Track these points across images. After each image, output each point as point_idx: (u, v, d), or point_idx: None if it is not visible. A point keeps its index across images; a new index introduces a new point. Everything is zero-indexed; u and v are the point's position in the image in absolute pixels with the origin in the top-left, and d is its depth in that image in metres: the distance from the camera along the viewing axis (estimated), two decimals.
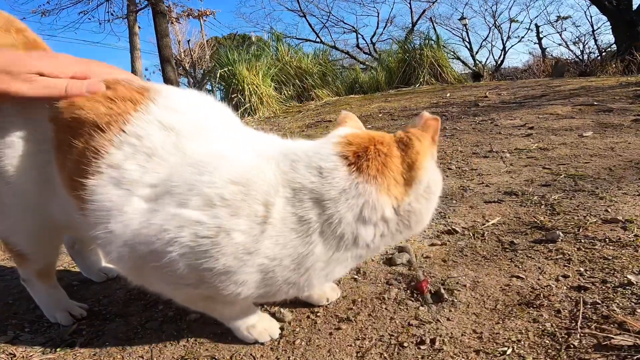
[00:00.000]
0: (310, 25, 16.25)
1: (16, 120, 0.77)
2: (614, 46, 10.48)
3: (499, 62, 18.79)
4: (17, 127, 0.77)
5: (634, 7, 9.02)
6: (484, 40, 20.17)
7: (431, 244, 1.18)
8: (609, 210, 1.23)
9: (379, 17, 17.15)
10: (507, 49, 19.52)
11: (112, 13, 10.44)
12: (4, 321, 1.02)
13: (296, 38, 14.91)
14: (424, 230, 1.18)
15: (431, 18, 14.00)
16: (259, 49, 6.48)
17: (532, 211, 1.31)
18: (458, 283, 0.96)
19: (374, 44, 16.34)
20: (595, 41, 15.18)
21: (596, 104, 2.95)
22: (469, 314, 0.85)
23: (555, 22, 17.80)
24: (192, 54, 19.25)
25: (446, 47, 6.65)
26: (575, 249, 1.04)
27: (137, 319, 0.97)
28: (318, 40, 15.32)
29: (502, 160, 1.95)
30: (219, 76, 5.58)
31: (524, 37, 24.58)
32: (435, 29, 7.01)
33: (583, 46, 15.04)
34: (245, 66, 5.41)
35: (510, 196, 1.46)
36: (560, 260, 1.00)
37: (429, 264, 1.07)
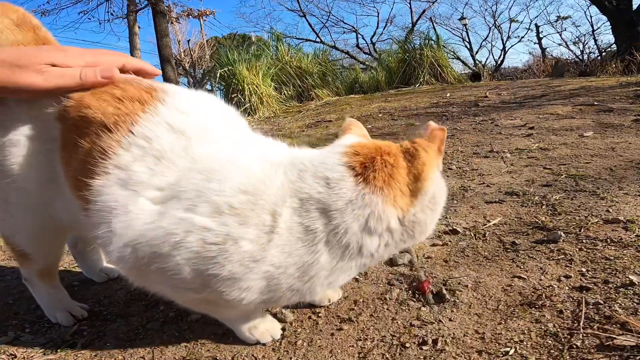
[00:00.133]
0: (310, 25, 16.28)
1: (22, 119, 0.76)
2: (614, 46, 10.49)
3: (498, 62, 18.81)
4: (23, 126, 0.76)
5: (634, 7, 9.03)
6: (484, 40, 20.21)
7: (432, 244, 1.18)
8: (610, 211, 1.22)
9: (379, 17, 17.18)
10: (507, 49, 19.56)
11: (112, 13, 10.43)
12: (4, 322, 1.01)
13: (296, 38, 14.93)
14: None
15: (431, 18, 14.03)
16: (259, 49, 6.49)
17: (534, 211, 1.31)
18: (460, 283, 0.96)
19: (374, 44, 16.37)
20: (595, 41, 15.22)
21: (596, 104, 2.95)
22: (471, 314, 0.85)
23: (555, 22, 17.83)
24: (192, 53, 19.26)
25: (446, 47, 6.66)
26: (577, 249, 1.04)
27: (138, 320, 0.97)
28: (318, 40, 15.34)
29: (502, 160, 1.95)
30: (218, 76, 5.58)
31: (524, 37, 24.59)
32: (435, 29, 7.02)
33: (583, 46, 15.08)
34: (245, 66, 5.41)
35: (512, 196, 1.46)
36: (562, 261, 1.00)
37: (431, 264, 1.07)
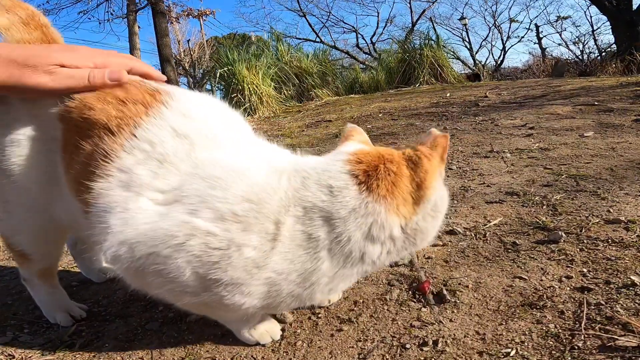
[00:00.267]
0: (310, 25, 16.26)
1: (24, 118, 0.76)
2: (614, 46, 10.49)
3: (498, 62, 18.81)
4: (25, 126, 0.76)
5: (634, 7, 9.03)
6: (484, 40, 20.23)
7: (433, 245, 1.17)
8: (611, 211, 1.22)
9: (379, 17, 17.19)
10: (507, 49, 19.57)
11: (112, 13, 10.43)
12: (3, 322, 1.01)
13: (296, 38, 14.94)
14: None
15: (431, 18, 14.01)
16: (258, 49, 6.48)
17: (534, 211, 1.30)
18: (460, 284, 0.95)
19: (373, 43, 16.37)
20: (595, 41, 15.23)
21: (597, 104, 2.95)
22: (471, 315, 0.84)
23: (555, 22, 17.85)
24: (192, 53, 19.25)
25: (446, 47, 6.64)
26: (578, 249, 1.04)
27: (137, 320, 0.96)
28: (318, 40, 15.33)
29: (503, 160, 1.94)
30: (218, 76, 5.57)
31: (523, 37, 24.65)
32: (435, 28, 6.97)
33: (583, 46, 15.10)
34: (245, 66, 5.40)
35: (512, 196, 1.45)
36: (563, 261, 0.99)
37: (431, 265, 1.06)
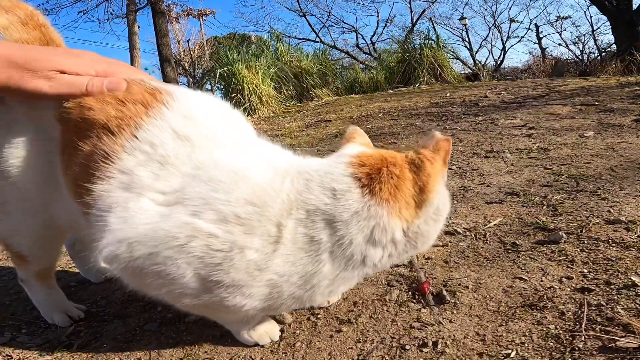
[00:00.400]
0: (310, 24, 16.23)
1: (22, 119, 0.75)
2: (614, 46, 10.49)
3: (498, 62, 18.80)
4: (23, 127, 0.75)
5: (634, 7, 9.03)
6: (484, 40, 20.20)
7: (432, 245, 1.16)
8: (612, 211, 1.22)
9: (378, 16, 17.16)
10: (506, 49, 19.55)
11: (112, 12, 10.42)
12: (0, 322, 1.01)
13: (296, 38, 14.91)
14: None
15: (431, 18, 13.94)
16: (258, 49, 6.47)
17: (534, 212, 1.30)
18: (460, 284, 0.95)
19: (373, 43, 16.35)
20: (595, 41, 15.22)
21: (597, 104, 2.94)
22: (471, 316, 0.84)
23: (555, 22, 17.83)
24: (192, 53, 19.23)
25: (446, 47, 6.64)
26: (579, 250, 1.03)
27: (136, 321, 0.96)
28: (318, 39, 15.31)
29: (503, 160, 1.94)
30: (218, 75, 5.56)
31: (523, 37, 24.61)
32: (435, 28, 6.96)
33: (583, 46, 15.08)
34: (244, 66, 5.38)
35: (512, 196, 1.45)
36: (563, 262, 0.99)
37: (431, 265, 1.06)
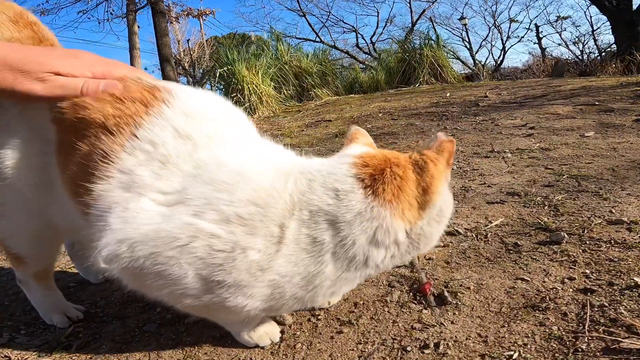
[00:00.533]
0: (310, 24, 16.21)
1: (16, 120, 0.74)
2: (614, 46, 10.48)
3: (498, 62, 18.78)
4: (17, 127, 0.74)
5: (634, 7, 9.02)
6: (484, 40, 20.16)
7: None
8: (614, 211, 1.21)
9: (378, 16, 17.13)
10: (506, 49, 19.53)
11: (112, 12, 10.38)
12: None
13: (296, 37, 14.90)
14: None
15: (431, 18, 13.92)
16: (258, 49, 6.46)
17: (536, 212, 1.29)
18: (462, 285, 0.94)
19: (373, 43, 16.32)
20: (595, 41, 15.20)
21: (597, 104, 2.94)
22: (473, 317, 0.83)
23: (555, 22, 17.81)
24: (192, 53, 19.20)
25: (446, 47, 6.63)
26: (581, 250, 1.03)
27: (135, 322, 0.95)
28: (318, 39, 15.29)
29: (503, 160, 1.93)
30: (218, 75, 5.55)
31: (523, 37, 24.61)
32: (435, 28, 6.95)
33: (583, 46, 15.07)
34: (244, 65, 5.38)
35: (513, 197, 1.44)
36: (565, 262, 0.98)
37: (432, 266, 1.05)
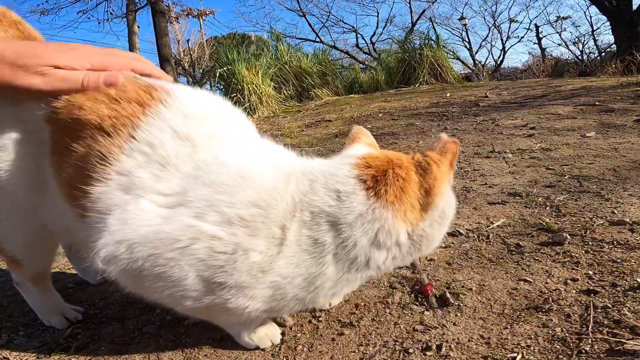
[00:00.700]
0: (310, 24, 16.20)
1: (9, 120, 0.73)
2: (614, 46, 10.48)
3: (498, 62, 18.78)
4: (10, 128, 0.73)
5: (634, 7, 9.02)
6: (484, 40, 20.17)
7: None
8: (616, 212, 1.20)
9: (378, 16, 17.13)
10: (506, 49, 19.54)
11: (111, 12, 10.35)
12: None
13: (296, 37, 14.89)
14: None
15: (431, 18, 13.89)
16: (258, 49, 6.46)
17: (537, 213, 1.28)
18: (464, 286, 0.94)
19: (373, 43, 16.31)
20: (595, 41, 15.21)
21: (598, 104, 2.93)
22: (475, 318, 0.83)
23: (555, 22, 17.82)
24: (192, 53, 19.19)
25: (446, 47, 6.63)
26: (583, 251, 1.02)
27: (134, 323, 0.95)
28: (318, 39, 15.28)
29: (504, 160, 1.92)
30: (218, 75, 5.55)
31: (523, 37, 24.75)
32: (435, 28, 6.94)
33: (583, 46, 15.08)
34: (244, 65, 5.37)
35: (515, 197, 1.44)
36: (568, 263, 0.98)
37: (433, 267, 1.05)
